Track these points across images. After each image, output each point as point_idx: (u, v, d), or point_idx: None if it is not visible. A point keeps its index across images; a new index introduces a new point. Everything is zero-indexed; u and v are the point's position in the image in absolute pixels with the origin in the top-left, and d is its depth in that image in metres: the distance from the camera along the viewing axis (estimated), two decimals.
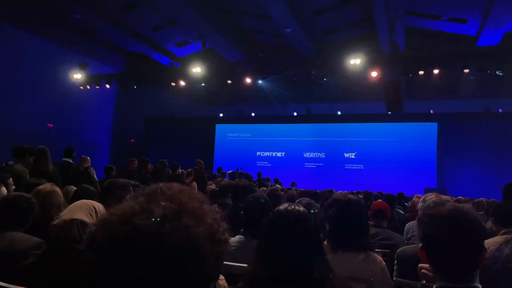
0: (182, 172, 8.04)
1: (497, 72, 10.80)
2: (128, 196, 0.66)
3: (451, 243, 1.29)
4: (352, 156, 15.62)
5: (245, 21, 13.39)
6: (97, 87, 13.90)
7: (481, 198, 7.18)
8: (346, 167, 15.63)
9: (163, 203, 0.63)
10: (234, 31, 13.57)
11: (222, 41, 13.35)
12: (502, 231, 2.77)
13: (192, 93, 14.87)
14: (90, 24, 12.74)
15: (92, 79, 13.90)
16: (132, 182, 3.51)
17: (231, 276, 1.83)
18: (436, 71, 11.11)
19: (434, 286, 1.33)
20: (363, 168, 15.35)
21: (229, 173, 11.13)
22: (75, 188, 3.45)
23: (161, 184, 0.69)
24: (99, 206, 1.91)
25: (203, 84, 13.48)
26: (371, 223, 4.00)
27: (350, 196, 2.33)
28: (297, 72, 13.22)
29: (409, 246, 2.64)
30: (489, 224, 3.38)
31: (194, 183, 7.57)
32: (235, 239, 2.41)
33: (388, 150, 14.94)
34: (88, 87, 13.87)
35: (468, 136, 14.00)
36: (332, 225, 2.20)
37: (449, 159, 14.23)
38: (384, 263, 2.24)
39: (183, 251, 0.59)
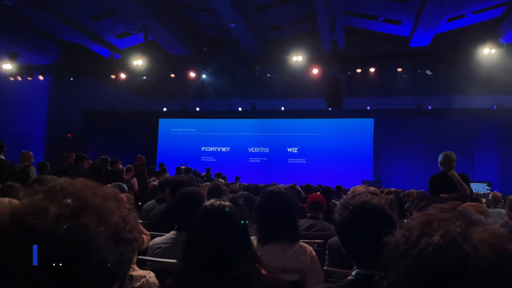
0: (122, 168, 7.79)
1: (427, 72, 11.58)
2: (21, 194, 0.62)
3: (355, 232, 1.38)
4: (295, 151, 16.03)
5: (190, 14, 13.17)
6: (29, 78, 13.03)
7: (412, 189, 7.71)
8: (289, 162, 16.02)
9: (62, 201, 0.60)
10: (178, 24, 13.29)
11: (165, 34, 13.02)
12: None
13: (134, 87, 14.40)
14: (21, 11, 11.86)
15: (24, 70, 13.02)
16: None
17: (161, 273, 1.82)
18: (372, 69, 11.68)
19: (352, 274, 1.42)
20: (305, 162, 15.82)
21: (176, 169, 11.08)
22: None
23: (62, 180, 0.66)
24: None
25: (145, 78, 13.10)
26: (308, 215, 4.15)
27: (273, 188, 2.37)
28: (241, 68, 13.28)
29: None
30: (414, 214, 3.65)
31: (135, 179, 7.38)
32: (168, 235, 2.39)
33: (328, 145, 15.51)
34: (20, 78, 12.97)
35: (401, 131, 14.90)
36: (257, 218, 2.24)
37: (385, 153, 15.06)
38: (314, 253, 2.33)
39: (80, 251, 0.57)
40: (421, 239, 0.57)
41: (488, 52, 11.12)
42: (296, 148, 16.05)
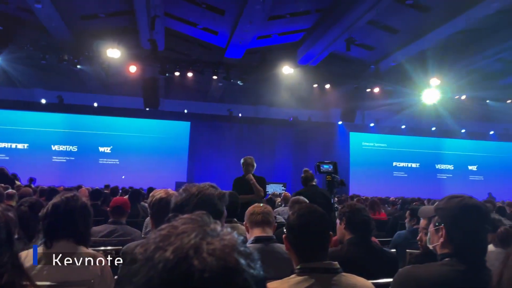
0: None
1: (238, 82, 12.60)
2: None
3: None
4: (108, 151, 15.13)
5: None
6: None
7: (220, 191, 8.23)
8: (100, 162, 15.02)
9: None
10: None
11: None
12: None
13: None
14: None
15: None
16: None
17: None
18: (190, 74, 12.02)
19: None
20: (118, 163, 15.08)
21: None
22: None
23: None
24: None
25: None
26: (110, 220, 3.93)
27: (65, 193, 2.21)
28: (47, 55, 11.83)
29: (135, 242, 2.70)
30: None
31: None
32: None
33: (144, 145, 15.21)
34: None
35: (215, 136, 15.79)
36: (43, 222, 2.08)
37: (199, 155, 15.69)
38: (105, 261, 2.21)
39: None
40: (155, 255, 0.53)
41: (287, 71, 12.86)
42: (109, 148, 15.16)
